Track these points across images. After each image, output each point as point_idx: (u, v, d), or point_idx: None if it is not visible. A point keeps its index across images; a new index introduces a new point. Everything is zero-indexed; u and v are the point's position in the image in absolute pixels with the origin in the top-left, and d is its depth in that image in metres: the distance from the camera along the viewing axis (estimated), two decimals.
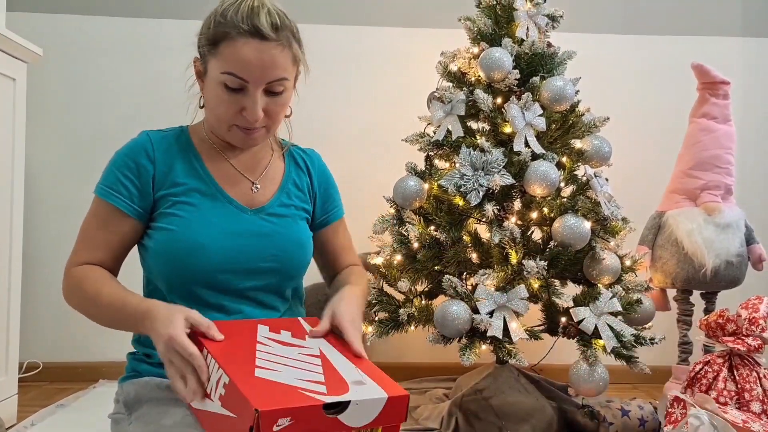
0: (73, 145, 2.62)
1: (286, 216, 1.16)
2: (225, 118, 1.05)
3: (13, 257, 1.99)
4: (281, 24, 1.02)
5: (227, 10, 1.02)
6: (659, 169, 2.61)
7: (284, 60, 1.04)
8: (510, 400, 1.86)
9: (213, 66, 1.03)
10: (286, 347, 0.95)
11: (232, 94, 1.03)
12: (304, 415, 0.78)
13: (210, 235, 1.06)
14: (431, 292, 1.98)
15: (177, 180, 1.10)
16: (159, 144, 1.12)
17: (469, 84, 2.01)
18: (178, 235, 1.05)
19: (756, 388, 1.67)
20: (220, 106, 1.04)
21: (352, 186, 2.67)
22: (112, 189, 1.07)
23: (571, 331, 1.81)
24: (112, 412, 1.11)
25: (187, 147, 1.14)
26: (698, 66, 2.30)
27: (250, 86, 1.02)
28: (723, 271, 2.17)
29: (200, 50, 1.07)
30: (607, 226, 1.84)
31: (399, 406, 0.85)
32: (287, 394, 0.80)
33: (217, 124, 1.09)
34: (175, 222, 1.06)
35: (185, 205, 1.08)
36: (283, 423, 0.76)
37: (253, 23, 0.99)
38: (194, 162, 1.13)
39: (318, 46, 2.68)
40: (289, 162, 1.23)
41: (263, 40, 1.00)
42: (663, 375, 2.34)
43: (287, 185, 1.20)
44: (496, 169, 1.79)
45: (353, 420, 0.82)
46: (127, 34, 2.65)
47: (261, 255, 1.10)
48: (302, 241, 1.16)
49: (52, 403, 2.19)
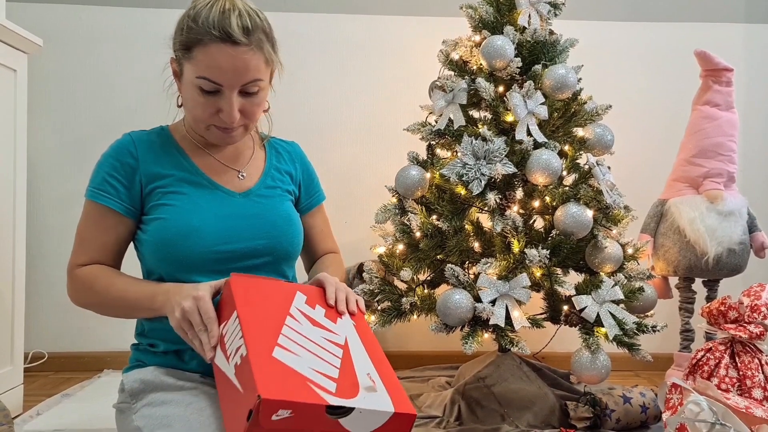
0: (75, 136, 2.62)
1: (273, 197, 1.19)
2: (202, 118, 1.08)
3: (16, 248, 2.00)
4: (252, 26, 1.03)
5: (199, 14, 1.02)
6: (662, 157, 2.61)
7: (257, 62, 1.04)
8: (512, 387, 1.87)
9: (188, 69, 1.05)
10: (315, 327, 0.94)
11: (208, 96, 1.05)
12: (306, 412, 0.78)
13: (202, 218, 1.08)
14: (434, 281, 1.98)
15: (163, 172, 1.11)
16: (141, 142, 1.14)
17: (470, 72, 2.00)
18: (171, 222, 1.07)
19: (758, 375, 1.68)
20: (196, 108, 1.07)
21: (353, 176, 2.68)
22: (101, 190, 1.09)
23: (573, 319, 1.82)
24: (117, 402, 1.12)
25: (170, 143, 1.16)
26: (701, 53, 2.29)
27: (225, 89, 1.04)
28: (725, 259, 2.17)
29: (175, 53, 1.08)
30: (609, 214, 1.84)
31: (404, 424, 0.84)
32: (296, 384, 0.80)
33: (195, 124, 1.11)
34: (168, 211, 1.08)
35: (175, 194, 1.10)
36: (283, 414, 0.77)
37: (224, 29, 1.00)
38: (178, 156, 1.15)
39: (318, 36, 2.68)
40: (270, 151, 1.27)
41: (235, 45, 1.01)
42: (665, 362, 2.35)
43: (270, 171, 1.23)
44: (498, 158, 1.79)
45: (353, 426, 0.81)
46: (128, 24, 2.64)
47: (254, 234, 1.12)
48: (291, 218, 1.19)
49: (58, 392, 2.21)
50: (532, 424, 1.81)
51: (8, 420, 1.36)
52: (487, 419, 1.83)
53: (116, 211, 1.09)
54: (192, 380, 1.06)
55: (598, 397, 1.84)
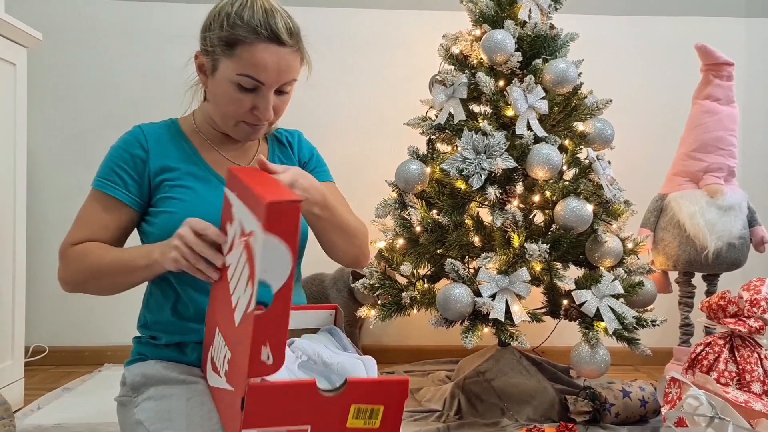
0: (75, 130, 2.62)
1: None
2: (234, 115, 1.08)
3: (17, 242, 2.00)
4: (294, 28, 1.06)
5: (242, 11, 1.03)
6: (662, 152, 2.60)
7: (297, 63, 1.08)
8: (512, 382, 1.88)
9: (227, 66, 1.04)
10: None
11: (245, 93, 1.05)
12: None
13: (209, 213, 1.06)
14: (434, 275, 1.99)
15: (172, 165, 1.12)
16: (151, 134, 1.14)
17: (471, 67, 2.00)
18: (178, 216, 1.06)
19: (757, 369, 1.68)
20: (230, 104, 1.07)
21: (354, 170, 2.68)
22: (109, 180, 1.10)
23: (573, 314, 1.82)
24: (119, 395, 1.13)
25: (179, 136, 1.17)
26: (702, 47, 2.29)
27: (264, 88, 1.05)
28: (725, 254, 2.17)
29: (210, 48, 1.07)
30: (609, 208, 1.85)
31: (290, 212, 0.72)
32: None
33: (223, 120, 1.11)
34: (175, 205, 1.08)
35: (182, 188, 1.10)
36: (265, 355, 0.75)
37: (272, 29, 1.02)
38: (187, 149, 1.15)
39: (319, 30, 2.67)
40: (272, 143, 1.26)
41: (281, 46, 1.03)
42: (664, 357, 2.35)
43: (274, 162, 1.21)
44: (498, 153, 1.79)
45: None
46: (128, 18, 2.63)
47: None
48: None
49: (58, 386, 2.21)
50: (532, 418, 1.82)
51: (9, 414, 1.36)
52: (487, 413, 1.83)
53: (122, 202, 1.09)
54: (193, 374, 1.07)
55: (598, 392, 1.84)
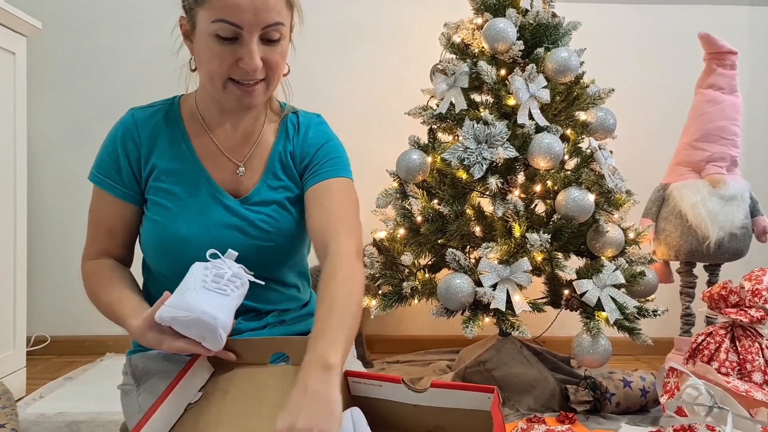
0: (75, 119, 2.61)
1: (274, 202, 1.10)
2: (219, 72, 0.98)
3: (17, 232, 2.00)
4: None
5: None
6: (664, 141, 2.59)
7: (280, 4, 0.96)
8: (513, 371, 1.88)
9: (202, 17, 0.95)
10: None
11: (225, 44, 0.95)
12: None
13: (190, 228, 1.04)
14: (435, 265, 1.98)
15: (160, 164, 1.07)
16: (144, 124, 1.09)
17: (472, 56, 1.98)
18: (161, 228, 1.05)
19: (758, 359, 1.68)
20: (213, 60, 0.97)
21: (354, 160, 2.63)
22: (105, 176, 1.08)
23: (574, 304, 1.82)
24: (122, 384, 1.13)
25: (174, 124, 1.10)
26: (705, 36, 2.27)
27: (244, 33, 0.94)
28: (727, 243, 2.17)
29: (185, 5, 1.00)
30: (611, 198, 1.84)
31: None
32: None
33: (211, 83, 1.00)
34: (159, 213, 1.06)
35: (166, 193, 1.06)
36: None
37: None
38: (180, 141, 1.09)
39: (319, 18, 2.66)
40: (281, 133, 1.15)
41: None
42: (665, 346, 2.35)
43: (273, 163, 1.13)
44: (499, 142, 1.78)
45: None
46: (127, 7, 2.62)
47: (246, 246, 1.05)
48: (292, 231, 1.11)
49: (60, 375, 2.22)
50: (533, 408, 1.82)
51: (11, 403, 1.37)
52: None
53: (120, 199, 1.08)
54: None
55: (599, 381, 1.85)
